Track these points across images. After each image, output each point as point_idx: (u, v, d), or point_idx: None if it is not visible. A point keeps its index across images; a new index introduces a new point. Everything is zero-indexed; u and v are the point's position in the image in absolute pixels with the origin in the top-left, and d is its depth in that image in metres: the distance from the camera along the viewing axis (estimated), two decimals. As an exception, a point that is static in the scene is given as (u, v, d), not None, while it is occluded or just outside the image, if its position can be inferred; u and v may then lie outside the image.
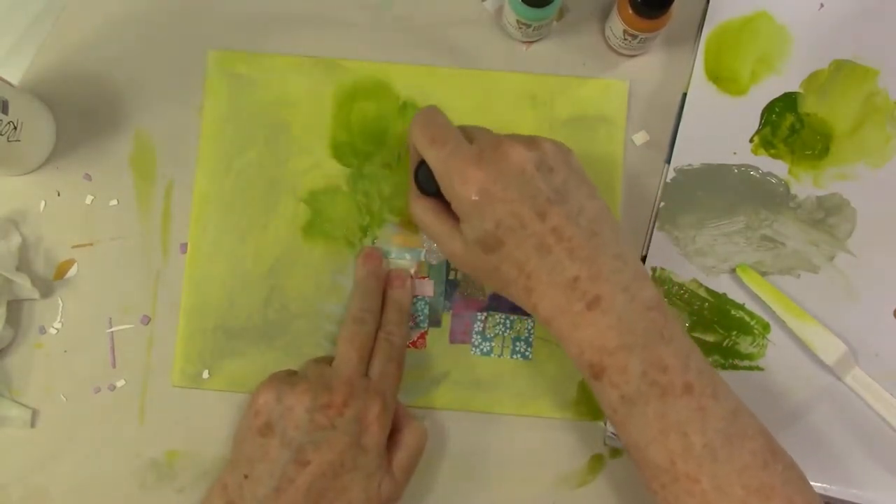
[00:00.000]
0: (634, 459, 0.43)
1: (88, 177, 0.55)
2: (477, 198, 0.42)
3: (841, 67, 0.54)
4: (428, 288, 0.53)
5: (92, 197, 0.55)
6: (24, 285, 0.52)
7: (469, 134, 0.45)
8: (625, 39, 0.52)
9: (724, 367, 0.52)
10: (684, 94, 0.54)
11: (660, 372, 0.41)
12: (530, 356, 0.53)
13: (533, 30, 0.53)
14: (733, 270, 0.52)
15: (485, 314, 0.53)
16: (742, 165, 0.53)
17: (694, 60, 0.54)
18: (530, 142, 0.44)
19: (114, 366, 0.54)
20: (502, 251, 0.43)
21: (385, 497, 0.46)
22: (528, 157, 0.43)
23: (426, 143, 0.44)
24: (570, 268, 0.42)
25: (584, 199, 0.43)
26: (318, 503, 0.44)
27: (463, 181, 0.42)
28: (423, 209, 0.47)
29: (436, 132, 0.44)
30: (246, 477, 0.44)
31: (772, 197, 0.53)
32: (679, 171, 0.53)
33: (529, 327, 0.53)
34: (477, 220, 0.43)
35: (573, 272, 0.42)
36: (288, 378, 0.47)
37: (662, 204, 0.53)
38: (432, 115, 0.46)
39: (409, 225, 0.54)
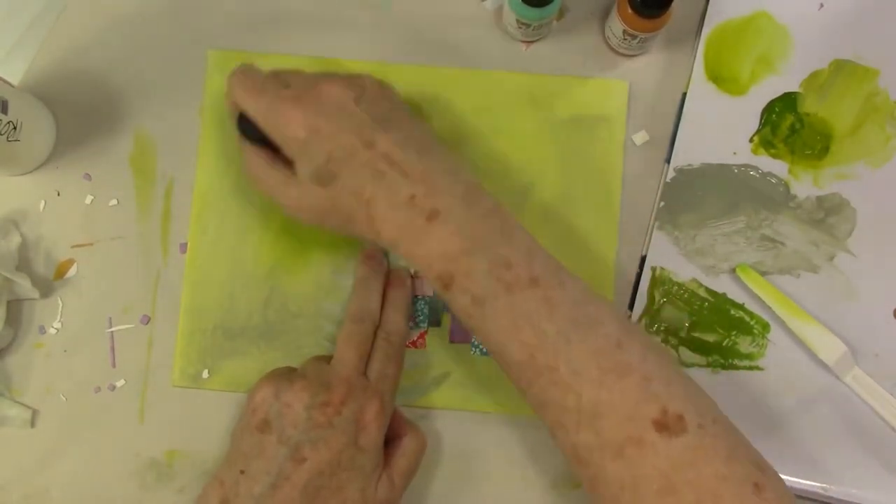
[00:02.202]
0: (501, 365, 0.44)
1: (88, 177, 0.55)
2: (304, 134, 0.44)
3: (841, 67, 0.54)
4: (428, 287, 0.53)
5: (92, 197, 0.55)
6: (24, 285, 0.52)
7: (285, 80, 0.46)
8: (625, 39, 0.52)
9: (724, 367, 0.52)
10: (684, 94, 0.54)
11: (504, 268, 0.42)
12: (530, 356, 0.53)
13: (533, 30, 0.53)
14: (733, 270, 0.52)
15: (485, 314, 0.53)
16: (742, 165, 0.53)
17: (694, 60, 0.54)
18: (349, 79, 0.46)
19: (114, 366, 0.54)
20: (338, 183, 0.44)
21: (381, 500, 0.46)
22: (346, 92, 0.45)
23: (245, 95, 0.46)
24: (406, 187, 0.43)
25: (409, 126, 0.46)
26: (314, 501, 0.43)
27: (287, 122, 0.44)
28: (255, 162, 0.47)
29: (253, 82, 0.46)
30: (242, 473, 0.44)
31: (772, 197, 0.53)
32: (679, 171, 0.53)
33: (529, 327, 0.53)
34: (308, 157, 0.44)
35: (409, 191, 0.43)
36: (286, 375, 0.47)
37: (662, 204, 0.53)
38: (246, 68, 0.47)
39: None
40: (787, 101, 0.54)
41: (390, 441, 0.48)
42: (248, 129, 0.47)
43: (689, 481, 0.38)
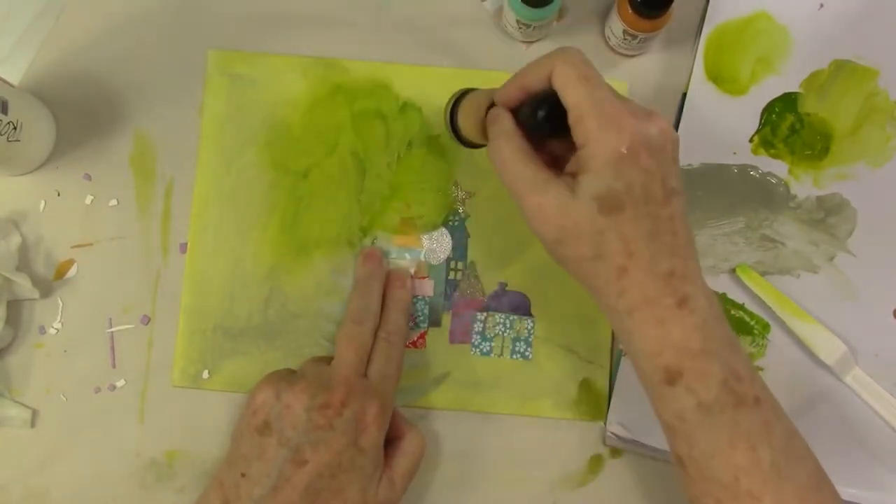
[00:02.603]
0: (689, 474, 0.40)
1: (88, 177, 0.55)
2: (625, 151, 0.38)
3: (841, 67, 0.54)
4: (428, 288, 0.53)
5: (92, 197, 0.55)
6: (24, 285, 0.52)
7: (610, 88, 0.41)
8: (625, 39, 0.52)
9: (724, 367, 0.52)
10: (684, 94, 0.54)
11: (737, 381, 0.39)
12: (530, 356, 0.53)
13: (533, 30, 0.53)
14: (733, 270, 0.52)
15: (485, 314, 0.53)
16: (742, 165, 0.53)
17: (694, 60, 0.54)
18: (670, 123, 0.41)
19: (114, 366, 0.54)
20: (618, 217, 0.39)
21: (382, 501, 0.46)
22: (674, 136, 0.40)
23: (578, 80, 0.40)
24: (669, 261, 0.39)
25: (684, 201, 0.41)
26: (315, 503, 0.43)
27: (618, 129, 0.39)
28: (517, 152, 0.41)
29: (592, 73, 0.40)
30: (243, 475, 0.44)
31: (772, 197, 0.53)
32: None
33: (529, 327, 0.53)
34: (610, 175, 0.38)
35: (670, 266, 0.39)
36: (286, 377, 0.47)
37: (662, 204, 0.53)
38: (585, 57, 0.41)
39: (408, 226, 0.54)
40: (787, 101, 0.54)
41: (390, 442, 0.48)
42: (543, 121, 0.41)
43: None
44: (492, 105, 0.44)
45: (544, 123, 0.41)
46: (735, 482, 0.38)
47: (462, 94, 0.47)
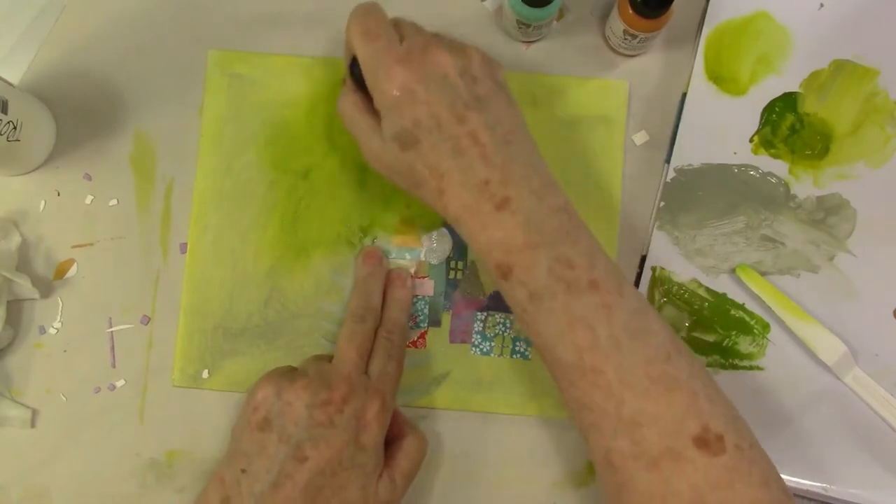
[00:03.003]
0: (546, 361, 0.43)
1: (88, 177, 0.55)
2: (398, 93, 0.43)
3: (841, 67, 0.54)
4: (428, 288, 0.53)
5: (92, 197, 0.55)
6: (24, 285, 0.52)
7: (402, 31, 0.46)
8: (625, 39, 0.52)
9: (723, 367, 0.52)
10: (684, 94, 0.54)
11: (566, 268, 0.41)
12: (530, 356, 0.53)
13: (533, 30, 0.53)
14: (733, 270, 0.52)
15: (485, 314, 0.53)
16: (742, 165, 0.53)
17: (694, 60, 0.54)
18: (459, 49, 0.45)
19: (114, 366, 0.54)
20: (418, 149, 0.43)
21: (383, 500, 0.46)
22: (454, 63, 0.44)
23: (359, 36, 0.45)
24: (482, 171, 0.43)
25: (503, 111, 0.45)
26: (315, 500, 0.43)
27: (387, 77, 0.43)
28: (349, 103, 0.47)
29: (371, 25, 0.45)
30: (243, 471, 0.44)
31: (772, 197, 0.53)
32: (679, 170, 0.53)
33: (529, 327, 0.53)
34: (396, 116, 0.44)
35: (484, 175, 0.43)
36: (287, 374, 0.47)
37: (662, 204, 0.53)
38: (370, 8, 0.46)
39: (408, 226, 0.54)
40: (787, 101, 0.54)
41: (391, 442, 0.48)
42: (356, 69, 0.46)
43: (721, 501, 0.38)
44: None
45: (354, 76, 0.47)
46: (580, 360, 0.41)
47: None
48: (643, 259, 0.53)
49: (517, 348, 0.53)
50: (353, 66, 0.47)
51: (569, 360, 0.41)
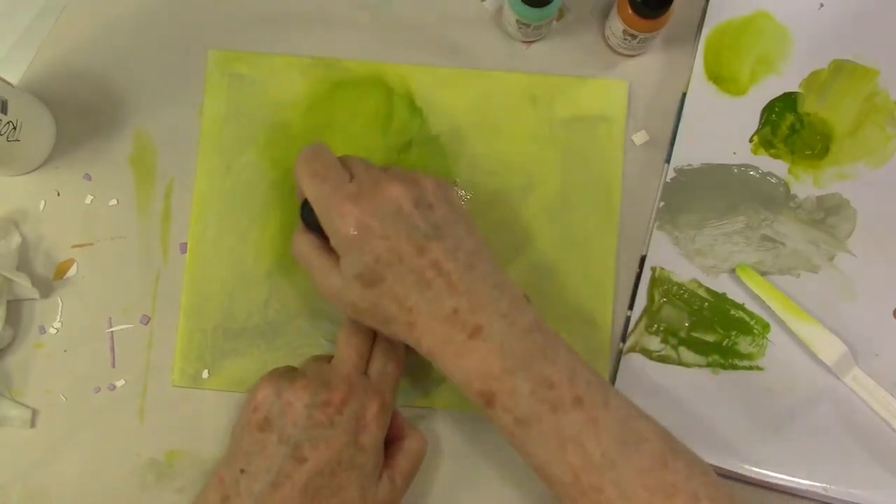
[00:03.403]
0: (543, 480, 0.43)
1: (88, 177, 0.55)
2: (356, 233, 0.43)
3: (841, 67, 0.54)
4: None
5: (92, 197, 0.55)
6: (24, 285, 0.52)
7: (351, 169, 0.45)
8: (625, 39, 0.52)
9: (723, 367, 0.52)
10: (684, 94, 0.54)
11: (547, 388, 0.41)
12: (530, 356, 0.53)
13: (533, 30, 0.53)
14: (733, 270, 0.52)
15: (485, 314, 0.53)
16: (742, 165, 0.53)
17: (694, 60, 0.54)
18: (410, 179, 0.45)
19: (114, 366, 0.54)
20: (382, 286, 0.43)
21: (382, 501, 0.46)
22: (406, 194, 0.43)
23: (308, 178, 0.45)
24: (450, 300, 0.42)
25: (463, 234, 0.44)
26: (314, 500, 0.43)
27: (341, 216, 0.43)
28: (304, 243, 0.46)
29: (318, 167, 0.45)
30: (242, 471, 0.44)
31: (772, 197, 0.53)
32: (679, 170, 0.53)
33: (529, 327, 0.53)
34: (356, 255, 0.43)
35: (453, 304, 0.42)
36: (287, 374, 0.47)
37: (662, 204, 0.53)
38: (317, 150, 0.46)
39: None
40: (787, 101, 0.54)
41: (391, 443, 0.48)
42: (307, 214, 0.46)
43: None
44: None
45: (306, 221, 0.46)
46: (576, 480, 0.40)
47: None
48: (643, 259, 0.53)
49: (517, 348, 0.53)
50: (304, 207, 0.46)
51: (565, 480, 0.41)
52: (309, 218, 0.46)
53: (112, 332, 0.54)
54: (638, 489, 0.40)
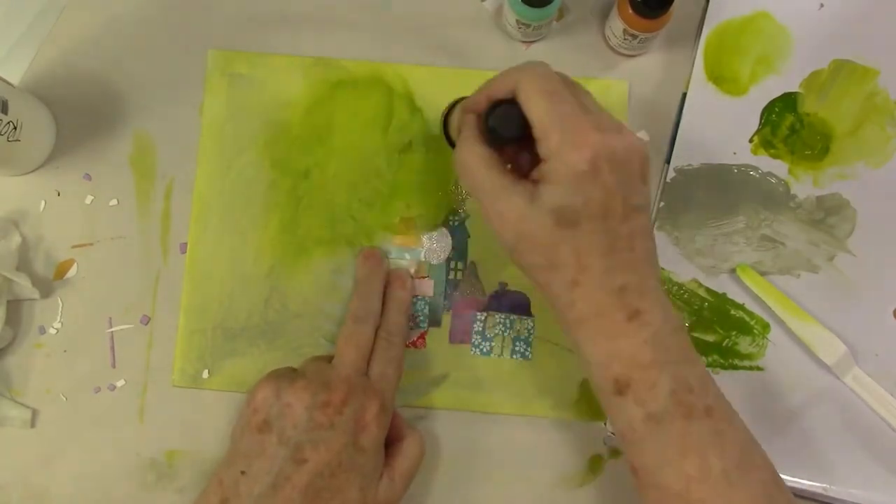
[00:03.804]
0: (642, 482, 0.41)
1: (88, 177, 0.55)
2: (586, 168, 0.39)
3: (841, 67, 0.54)
4: (428, 288, 0.53)
5: (92, 197, 0.55)
6: (24, 285, 0.52)
7: (582, 105, 0.41)
8: (625, 39, 0.52)
9: (723, 367, 0.52)
10: (684, 94, 0.54)
11: (686, 392, 0.39)
12: (530, 356, 0.53)
13: (533, 30, 0.53)
14: (733, 270, 0.52)
15: (485, 314, 0.53)
16: (742, 165, 0.53)
17: (694, 60, 0.54)
18: (642, 140, 0.42)
19: (114, 366, 0.54)
20: (574, 231, 0.39)
21: (382, 502, 0.46)
22: (642, 151, 0.40)
23: (540, 95, 0.40)
24: (623, 276, 0.40)
25: (649, 219, 0.42)
26: (315, 502, 0.43)
27: (579, 143, 0.39)
28: (477, 157, 0.42)
29: (557, 88, 0.40)
30: (243, 473, 0.44)
31: (772, 197, 0.53)
32: (679, 171, 0.53)
33: (529, 327, 0.53)
34: (569, 190, 0.39)
35: (623, 280, 0.40)
36: (287, 375, 0.47)
37: (662, 204, 0.53)
38: (553, 73, 0.41)
39: (408, 226, 0.54)
40: (787, 101, 0.54)
41: (390, 443, 0.48)
42: (502, 126, 0.42)
43: None
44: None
45: (500, 132, 0.42)
46: (686, 491, 0.39)
47: (456, 102, 0.48)
48: (643, 259, 0.53)
49: (517, 348, 0.53)
50: (494, 116, 0.42)
51: (674, 488, 0.39)
52: (501, 128, 0.42)
53: (112, 332, 0.54)
54: None
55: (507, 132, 0.42)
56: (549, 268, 0.41)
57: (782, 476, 0.41)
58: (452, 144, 0.47)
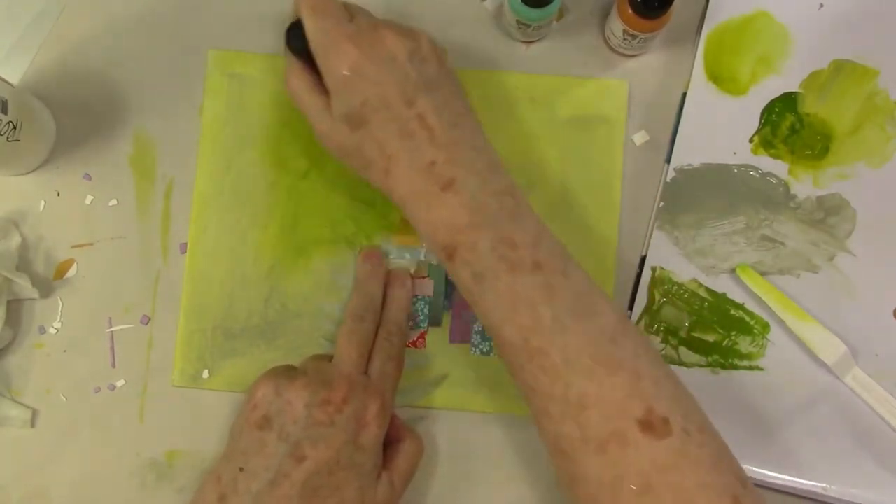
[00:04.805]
0: (496, 345, 0.44)
1: (88, 177, 0.55)
2: (348, 73, 0.43)
3: (841, 67, 0.54)
4: (428, 288, 0.53)
5: (92, 197, 0.55)
6: (24, 285, 0.52)
7: (351, 11, 0.46)
8: (625, 39, 0.52)
9: (723, 367, 0.52)
10: (684, 94, 0.54)
11: (509, 248, 0.42)
12: (530, 356, 0.53)
13: (533, 30, 0.53)
14: (733, 270, 0.52)
15: (485, 314, 0.53)
16: (742, 165, 0.53)
17: (694, 60, 0.54)
18: (408, 32, 0.46)
19: (114, 366, 0.54)
20: (366, 129, 0.44)
21: (381, 501, 0.46)
22: (403, 44, 0.44)
23: (309, 9, 0.45)
24: (429, 152, 0.43)
25: (450, 95, 0.45)
26: (313, 500, 0.43)
27: (337, 55, 0.44)
28: (298, 80, 0.47)
29: (322, 3, 0.45)
30: (241, 470, 0.44)
31: (772, 197, 0.53)
32: (679, 171, 0.53)
33: (529, 327, 0.53)
34: (345, 96, 0.44)
35: (431, 156, 0.43)
36: (287, 373, 0.47)
37: (662, 204, 0.53)
38: None
39: (408, 226, 0.54)
40: (787, 101, 0.54)
41: (389, 444, 0.48)
42: (295, 40, 0.46)
43: (669, 484, 0.38)
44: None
45: (295, 51, 0.46)
46: (525, 343, 0.41)
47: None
48: (643, 259, 0.53)
49: (517, 348, 0.53)
50: (291, 33, 0.46)
51: (515, 341, 0.41)
52: (295, 44, 0.46)
53: (112, 332, 0.54)
54: (583, 357, 0.40)
55: (295, 48, 0.46)
56: (364, 167, 0.46)
57: (781, 475, 0.41)
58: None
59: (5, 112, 0.49)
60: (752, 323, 0.52)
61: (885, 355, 0.51)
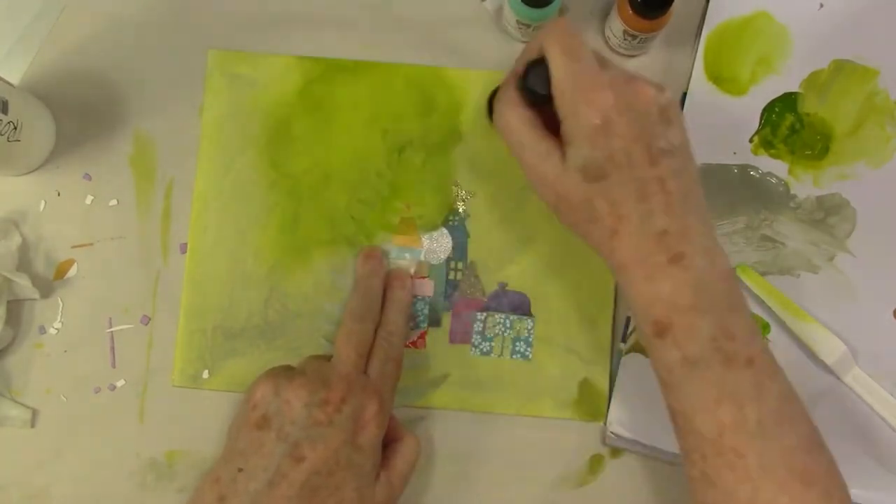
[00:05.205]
0: (677, 427, 0.42)
1: (88, 177, 0.55)
2: (599, 122, 0.40)
3: (841, 67, 0.54)
4: (428, 288, 0.53)
5: (92, 197, 0.55)
6: (25, 285, 0.52)
7: (603, 61, 0.43)
8: (625, 39, 0.52)
9: (724, 367, 0.52)
10: (684, 94, 0.54)
11: (727, 339, 0.39)
12: (530, 356, 0.53)
13: (533, 30, 0.53)
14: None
15: (485, 314, 0.53)
16: (742, 165, 0.53)
17: (694, 60, 0.54)
18: (660, 87, 0.43)
19: (114, 366, 0.54)
20: (603, 184, 0.41)
21: (380, 501, 0.46)
22: (658, 99, 0.42)
23: (559, 52, 0.42)
24: (662, 220, 0.40)
25: (688, 160, 0.43)
26: (311, 500, 0.43)
27: (589, 101, 0.41)
28: (517, 118, 0.44)
29: (573, 44, 0.42)
30: (240, 470, 0.44)
31: (772, 197, 0.53)
32: (679, 171, 0.53)
33: (529, 327, 0.53)
34: (590, 146, 0.41)
35: (664, 225, 0.40)
36: (286, 372, 0.47)
37: (662, 204, 0.53)
38: (571, 29, 0.43)
39: (408, 226, 0.54)
40: (787, 101, 0.54)
41: (386, 444, 0.48)
42: (536, 81, 0.43)
43: None
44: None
45: (533, 91, 0.43)
46: (719, 438, 0.39)
47: (498, 88, 0.48)
48: (643, 259, 0.53)
49: (517, 348, 0.53)
50: (531, 76, 0.43)
51: (706, 433, 0.39)
52: (535, 85, 0.43)
53: (112, 332, 0.54)
54: (779, 467, 0.39)
55: (541, 90, 0.43)
56: (588, 221, 0.42)
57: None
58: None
59: (5, 112, 0.49)
60: (752, 323, 0.52)
61: (885, 355, 0.51)
